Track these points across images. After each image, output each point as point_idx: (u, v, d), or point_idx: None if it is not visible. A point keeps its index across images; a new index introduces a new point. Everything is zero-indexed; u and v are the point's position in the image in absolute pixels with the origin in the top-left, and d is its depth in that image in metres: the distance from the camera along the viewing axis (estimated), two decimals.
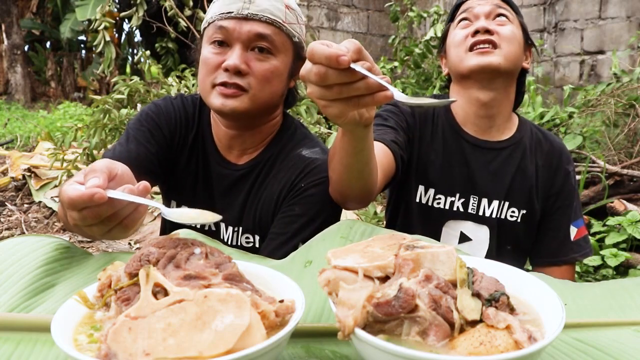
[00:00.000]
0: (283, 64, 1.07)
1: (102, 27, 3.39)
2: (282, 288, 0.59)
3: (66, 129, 3.66)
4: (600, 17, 4.98)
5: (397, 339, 0.52)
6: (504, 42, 1.19)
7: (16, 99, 10.03)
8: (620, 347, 0.61)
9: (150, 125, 1.14)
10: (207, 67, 1.05)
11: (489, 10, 1.22)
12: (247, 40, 1.03)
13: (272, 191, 1.11)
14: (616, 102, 3.53)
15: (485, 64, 1.17)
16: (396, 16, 4.88)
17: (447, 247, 0.58)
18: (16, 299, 0.69)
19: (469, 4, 1.26)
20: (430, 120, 1.30)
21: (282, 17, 1.05)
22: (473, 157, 1.27)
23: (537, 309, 0.58)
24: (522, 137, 1.29)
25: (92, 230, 0.71)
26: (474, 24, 1.22)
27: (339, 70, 0.63)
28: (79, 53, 11.44)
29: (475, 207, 1.27)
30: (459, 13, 1.27)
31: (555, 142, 1.33)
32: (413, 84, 4.69)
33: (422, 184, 1.27)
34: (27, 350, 0.59)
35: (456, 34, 1.24)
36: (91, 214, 0.66)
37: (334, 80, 0.64)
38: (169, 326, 0.48)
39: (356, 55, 0.64)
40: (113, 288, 0.56)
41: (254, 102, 1.05)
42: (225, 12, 1.04)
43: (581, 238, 1.30)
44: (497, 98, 1.23)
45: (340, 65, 0.62)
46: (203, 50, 1.08)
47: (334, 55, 0.62)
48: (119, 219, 0.69)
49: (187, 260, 0.57)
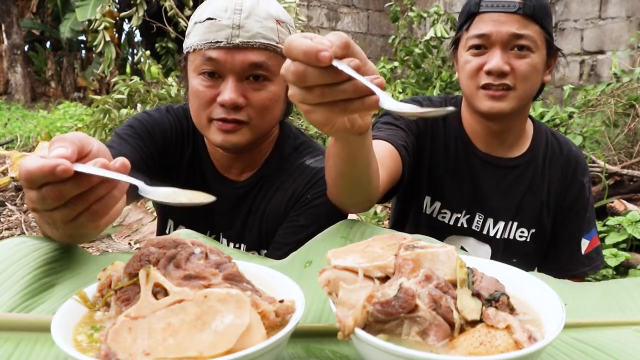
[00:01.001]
0: (281, 86, 1.01)
1: (102, 27, 3.39)
2: (282, 288, 0.59)
3: (66, 129, 3.66)
4: (600, 17, 4.98)
5: (397, 339, 0.52)
6: (520, 81, 1.09)
7: (16, 99, 10.03)
8: (620, 347, 0.61)
9: (143, 132, 1.07)
10: (200, 101, 0.98)
11: (507, 38, 1.08)
12: (241, 71, 0.96)
13: (278, 204, 1.07)
14: (616, 102, 3.53)
15: (496, 111, 1.10)
16: (396, 16, 4.88)
17: (447, 247, 0.58)
18: (16, 299, 0.69)
19: (485, 26, 1.09)
20: (442, 129, 1.23)
21: (275, 37, 0.97)
22: (483, 175, 1.21)
23: (537, 309, 0.58)
24: (536, 153, 1.22)
25: (53, 217, 0.58)
26: (488, 60, 1.09)
27: (320, 69, 0.52)
28: (79, 53, 11.44)
29: (479, 224, 1.22)
30: (472, 31, 1.11)
31: (572, 151, 1.25)
32: (413, 84, 4.69)
33: (429, 195, 1.23)
34: (27, 350, 0.59)
35: (467, 61, 1.12)
36: (53, 192, 0.54)
37: (315, 80, 0.53)
38: (168, 326, 0.48)
39: (342, 50, 0.53)
40: (113, 288, 0.56)
41: (255, 133, 1.00)
42: (213, 41, 0.94)
43: (593, 250, 1.24)
44: (509, 124, 1.17)
45: (320, 62, 0.51)
46: (192, 80, 1.00)
47: (313, 51, 0.51)
48: (87, 203, 0.57)
49: (187, 260, 0.57)
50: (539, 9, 1.09)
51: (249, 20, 0.94)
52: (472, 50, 1.11)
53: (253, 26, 0.94)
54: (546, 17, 1.11)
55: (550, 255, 1.26)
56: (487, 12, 1.10)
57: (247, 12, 0.95)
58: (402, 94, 4.31)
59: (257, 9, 0.96)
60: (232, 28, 0.94)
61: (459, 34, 1.18)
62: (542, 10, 1.09)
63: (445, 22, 4.44)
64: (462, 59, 1.14)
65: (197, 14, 1.00)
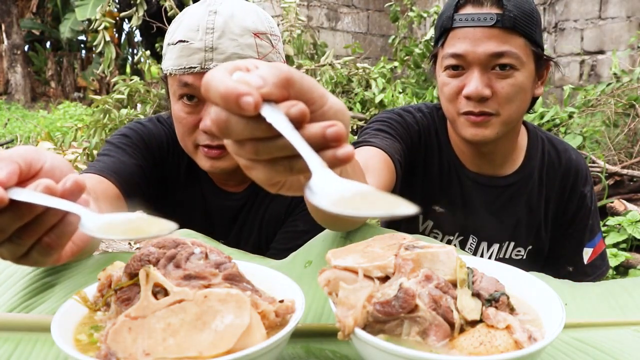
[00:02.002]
0: None
1: (102, 27, 3.39)
2: (282, 288, 0.59)
3: (66, 129, 3.66)
4: (600, 17, 4.98)
5: (397, 339, 0.52)
6: (503, 105, 0.97)
7: (16, 99, 10.03)
8: (620, 347, 0.61)
9: (139, 142, 1.03)
10: (183, 127, 0.93)
11: (485, 57, 0.94)
12: None
13: (277, 210, 1.05)
14: (616, 102, 3.53)
15: (479, 139, 0.99)
16: (396, 16, 4.88)
17: (447, 247, 0.58)
18: (16, 298, 0.69)
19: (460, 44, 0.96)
20: (435, 146, 1.11)
21: (254, 54, 0.90)
22: (474, 196, 1.11)
23: (537, 309, 0.58)
24: (531, 168, 1.11)
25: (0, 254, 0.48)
26: (467, 82, 0.96)
27: (246, 119, 0.37)
28: (79, 53, 11.44)
29: (472, 247, 1.14)
30: (447, 49, 0.99)
31: (571, 160, 1.13)
32: (413, 84, 4.70)
33: (422, 214, 1.14)
34: (27, 350, 0.59)
35: (445, 83, 1.00)
36: None
37: (240, 134, 0.38)
38: (168, 326, 0.48)
39: (279, 90, 0.38)
40: (113, 288, 0.56)
41: None
42: (186, 66, 0.88)
43: (597, 257, 1.15)
44: (496, 146, 1.06)
45: (243, 110, 0.36)
46: (173, 104, 0.94)
47: (232, 95, 0.36)
48: (35, 236, 0.46)
49: (187, 260, 0.57)
50: (522, 18, 0.95)
51: (222, 40, 0.87)
52: (449, 71, 0.99)
53: (227, 46, 0.87)
54: (531, 25, 0.96)
55: (550, 268, 1.15)
56: (461, 28, 0.96)
57: (220, 31, 0.87)
58: (402, 94, 4.31)
59: (231, 25, 0.88)
60: (204, 51, 0.87)
61: (435, 49, 1.05)
62: (526, 19, 0.95)
63: None
64: (440, 80, 1.02)
65: (170, 33, 0.93)
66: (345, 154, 0.37)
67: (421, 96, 4.54)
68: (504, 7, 0.94)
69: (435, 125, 1.13)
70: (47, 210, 0.45)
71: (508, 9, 0.94)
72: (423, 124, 1.11)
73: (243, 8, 0.92)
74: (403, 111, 1.13)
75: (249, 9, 0.93)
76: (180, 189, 1.08)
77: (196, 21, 0.89)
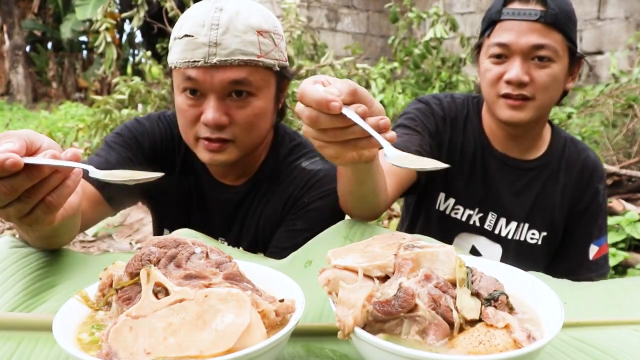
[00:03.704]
0: (267, 100, 0.98)
1: (103, 28, 3.40)
2: (282, 287, 0.59)
3: (67, 129, 3.67)
4: (598, 18, 4.99)
5: (396, 338, 0.52)
6: (539, 92, 1.09)
7: (18, 99, 10.03)
8: (619, 346, 0.62)
9: (131, 140, 1.07)
10: (185, 120, 0.97)
11: (527, 48, 1.06)
12: (222, 90, 0.92)
13: (274, 207, 1.06)
14: (615, 102, 3.54)
15: (515, 121, 1.11)
16: (396, 17, 4.88)
17: (447, 247, 0.58)
18: (17, 298, 0.69)
19: (505, 35, 1.08)
20: (462, 128, 1.24)
21: (256, 51, 0.92)
22: (498, 175, 1.22)
23: (536, 308, 0.58)
24: (552, 157, 1.23)
25: (7, 213, 0.59)
26: (508, 69, 1.08)
27: (331, 115, 0.59)
28: (80, 54, 11.45)
29: (492, 224, 1.23)
30: (493, 39, 1.11)
31: (589, 158, 1.25)
32: (412, 84, 4.70)
33: (444, 192, 1.24)
34: (28, 349, 0.59)
35: (488, 69, 1.12)
36: (4, 187, 0.55)
37: (327, 125, 0.61)
38: (169, 325, 0.48)
39: (350, 97, 0.60)
40: (114, 287, 0.56)
41: (242, 149, 0.98)
42: (190, 60, 0.91)
43: (601, 257, 1.24)
44: (527, 130, 1.18)
45: (330, 111, 0.58)
46: (176, 97, 0.98)
47: (323, 101, 0.58)
48: (40, 195, 0.57)
49: (187, 259, 0.57)
50: (562, 16, 1.06)
51: (226, 36, 0.90)
52: (493, 59, 1.11)
53: (231, 42, 0.90)
54: (569, 24, 1.08)
55: (558, 258, 1.25)
56: (508, 20, 1.08)
57: (225, 27, 0.90)
58: (402, 94, 4.31)
59: (236, 21, 0.91)
60: (208, 46, 0.90)
61: (481, 39, 1.17)
62: (565, 18, 1.07)
63: (445, 23, 4.44)
64: (483, 66, 1.14)
65: (177, 27, 0.96)
66: (391, 136, 0.62)
67: (423, 93, 4.54)
68: (547, 5, 1.06)
69: (467, 110, 1.26)
70: (52, 174, 0.57)
71: (551, 7, 1.06)
72: (450, 109, 1.25)
73: (248, 6, 0.94)
74: (433, 98, 1.27)
75: (254, 7, 0.95)
76: (175, 182, 1.10)
77: (202, 17, 0.92)
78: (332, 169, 1.06)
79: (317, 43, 4.82)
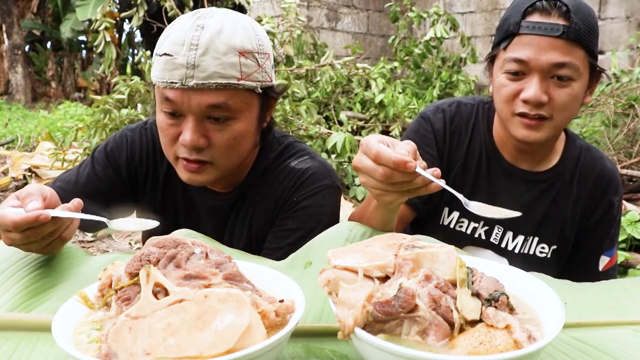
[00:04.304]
0: (248, 121, 0.94)
1: (103, 28, 3.39)
2: (282, 288, 0.59)
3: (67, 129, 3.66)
4: (599, 18, 4.98)
5: (396, 338, 0.52)
6: (557, 112, 1.01)
7: (17, 99, 10.02)
8: (620, 347, 0.61)
9: (112, 158, 1.09)
10: (165, 139, 0.95)
11: (547, 66, 0.98)
12: (199, 113, 0.89)
13: (265, 208, 1.05)
14: (615, 102, 3.54)
15: (530, 141, 1.04)
16: (396, 16, 4.88)
17: (447, 247, 0.58)
18: (17, 298, 0.69)
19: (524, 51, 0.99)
20: (466, 140, 1.18)
21: (236, 74, 0.88)
22: (505, 187, 1.15)
23: (536, 308, 0.58)
24: (565, 168, 1.15)
25: (30, 248, 0.76)
26: (526, 87, 1.00)
27: (403, 172, 0.70)
28: (80, 53, 11.45)
29: (498, 237, 1.18)
30: (510, 53, 1.02)
31: (606, 168, 1.16)
32: (413, 84, 4.70)
33: (447, 206, 1.19)
34: (27, 349, 0.59)
35: (503, 84, 1.04)
36: (34, 233, 0.72)
37: (399, 180, 0.72)
38: (169, 326, 0.48)
39: (414, 156, 0.72)
40: (113, 288, 0.56)
41: (221, 171, 0.96)
42: (168, 81, 0.88)
43: (611, 267, 1.19)
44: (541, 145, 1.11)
45: (407, 170, 0.70)
46: (157, 113, 0.96)
47: (401, 162, 0.69)
48: (58, 234, 0.76)
49: (187, 260, 0.57)
50: (585, 31, 0.98)
51: (205, 58, 0.86)
52: (509, 75, 1.03)
53: (209, 64, 0.86)
54: (593, 38, 1.01)
55: (567, 269, 1.20)
56: (527, 34, 0.99)
57: (204, 48, 0.86)
58: (402, 94, 4.31)
59: (217, 42, 0.87)
60: (186, 68, 0.86)
61: (495, 51, 1.08)
62: (589, 32, 0.99)
63: (445, 23, 4.44)
64: (498, 81, 1.06)
65: (160, 42, 0.93)
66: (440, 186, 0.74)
67: (421, 96, 4.54)
68: (570, 19, 0.98)
69: (475, 117, 1.20)
70: (66, 219, 0.76)
71: (574, 22, 0.97)
72: (453, 120, 1.20)
73: (233, 24, 0.90)
74: (436, 111, 1.21)
75: (240, 24, 0.91)
76: (160, 192, 1.11)
77: (182, 35, 0.88)
78: (320, 167, 1.05)
79: (317, 43, 4.82)
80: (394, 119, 3.84)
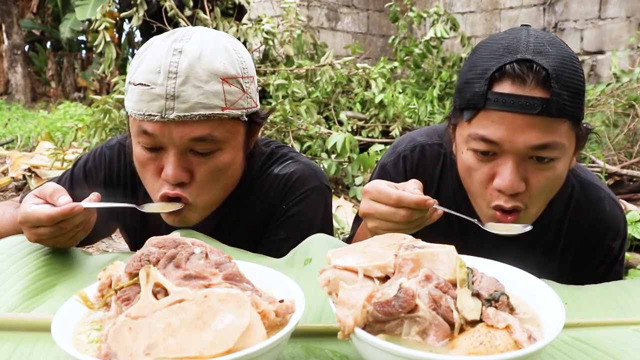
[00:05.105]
0: (234, 150, 0.88)
1: (102, 27, 3.39)
2: (282, 288, 0.59)
3: (66, 129, 3.66)
4: (600, 17, 4.99)
5: (397, 338, 0.52)
6: (535, 199, 0.84)
7: (16, 99, 10.02)
8: (620, 347, 0.61)
9: (89, 177, 1.06)
10: (147, 173, 0.88)
11: (524, 150, 0.79)
12: (182, 145, 0.83)
13: (254, 219, 1.00)
14: (616, 102, 3.54)
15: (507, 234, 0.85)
16: (396, 16, 4.88)
17: (447, 247, 0.58)
18: (17, 298, 0.69)
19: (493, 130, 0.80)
20: (432, 191, 1.00)
21: (220, 103, 0.82)
22: (480, 245, 0.92)
23: (537, 308, 0.58)
24: (548, 221, 0.97)
25: (56, 241, 0.79)
26: (499, 172, 0.82)
27: (422, 210, 0.76)
28: (79, 53, 11.44)
29: None
30: (476, 129, 0.82)
31: (603, 213, 0.97)
32: (413, 84, 4.70)
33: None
34: (27, 349, 0.59)
35: (470, 166, 0.86)
36: (67, 224, 0.76)
37: (416, 217, 0.76)
38: (169, 326, 0.48)
39: (421, 190, 0.79)
40: (113, 288, 0.56)
41: (205, 208, 0.91)
42: (146, 113, 0.81)
43: None
44: None
45: (428, 207, 0.76)
46: (134, 146, 0.89)
47: (422, 202, 0.75)
48: (83, 225, 0.80)
49: (187, 260, 0.57)
50: (570, 99, 0.78)
51: (185, 87, 0.79)
52: (478, 155, 0.84)
53: (191, 94, 0.79)
54: (579, 102, 0.81)
55: None
56: (496, 111, 0.79)
57: (184, 76, 0.79)
58: (402, 94, 4.31)
59: (197, 68, 0.80)
60: (165, 99, 0.79)
61: (457, 119, 0.88)
62: (574, 99, 0.79)
63: (445, 23, 4.44)
64: (465, 158, 0.87)
65: (132, 68, 0.85)
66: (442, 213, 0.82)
67: (421, 96, 4.54)
68: (552, 90, 0.77)
69: (441, 166, 1.02)
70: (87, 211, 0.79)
71: (556, 92, 0.77)
72: (417, 169, 1.03)
73: (213, 46, 0.83)
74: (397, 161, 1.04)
75: (221, 45, 0.84)
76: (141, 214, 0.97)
77: (158, 61, 0.81)
78: (305, 168, 1.00)
79: (317, 42, 4.82)
80: (394, 119, 3.85)
